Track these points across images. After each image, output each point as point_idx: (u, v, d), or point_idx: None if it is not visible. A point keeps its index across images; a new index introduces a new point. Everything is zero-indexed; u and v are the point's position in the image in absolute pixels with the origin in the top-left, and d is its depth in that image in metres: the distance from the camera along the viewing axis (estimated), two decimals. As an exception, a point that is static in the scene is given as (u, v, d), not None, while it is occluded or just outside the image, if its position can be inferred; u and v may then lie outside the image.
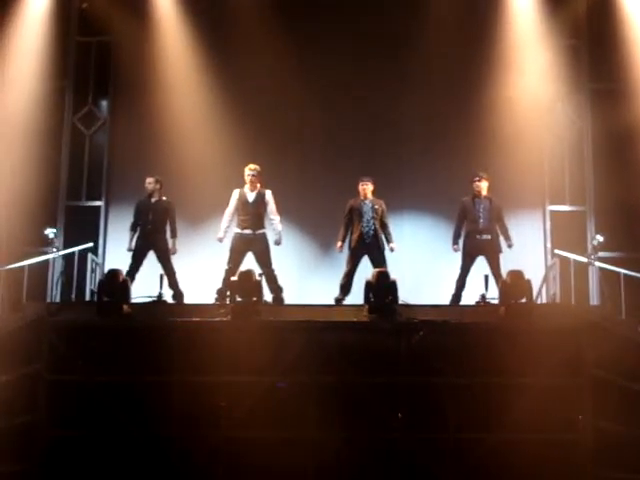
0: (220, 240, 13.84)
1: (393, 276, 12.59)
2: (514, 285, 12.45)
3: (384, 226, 13.91)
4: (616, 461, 11.61)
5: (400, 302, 12.54)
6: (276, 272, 13.67)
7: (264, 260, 13.65)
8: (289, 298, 13.72)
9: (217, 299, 13.38)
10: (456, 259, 13.93)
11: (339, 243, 13.90)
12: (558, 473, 11.41)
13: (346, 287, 13.66)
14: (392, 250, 13.86)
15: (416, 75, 15.59)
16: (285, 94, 15.53)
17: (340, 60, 16.00)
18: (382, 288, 12.39)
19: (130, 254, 13.90)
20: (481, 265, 13.83)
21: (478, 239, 13.83)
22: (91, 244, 14.99)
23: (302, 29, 15.92)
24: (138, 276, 13.70)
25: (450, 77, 15.62)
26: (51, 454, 11.81)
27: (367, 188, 13.89)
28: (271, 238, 13.79)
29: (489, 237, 13.83)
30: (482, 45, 15.65)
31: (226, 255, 13.71)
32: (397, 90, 15.83)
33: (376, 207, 13.86)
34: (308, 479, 11.49)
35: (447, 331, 12.04)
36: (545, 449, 11.43)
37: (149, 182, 14.11)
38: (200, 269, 14.87)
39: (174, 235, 14.01)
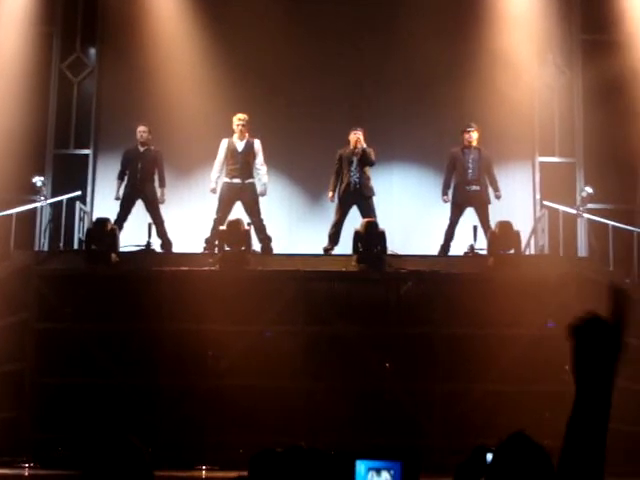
0: (213, 191, 13.76)
1: (382, 226, 12.60)
2: (503, 236, 12.49)
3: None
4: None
5: (389, 252, 12.56)
6: (265, 222, 13.64)
7: (253, 209, 13.61)
8: (278, 248, 13.71)
9: (205, 248, 13.37)
10: (445, 210, 13.92)
11: (330, 193, 13.77)
12: (545, 424, 11.47)
13: (335, 237, 13.56)
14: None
15: (405, 26, 15.45)
16: (273, 44, 15.36)
17: (328, 10, 15.86)
18: (371, 238, 12.41)
19: (118, 203, 13.86)
20: (470, 216, 13.82)
21: (467, 190, 13.76)
22: (79, 192, 14.89)
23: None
24: (126, 225, 13.68)
25: (440, 28, 15.43)
26: (40, 402, 11.86)
27: (358, 138, 13.70)
28: (257, 188, 13.72)
29: (478, 188, 13.77)
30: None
31: (215, 204, 13.68)
32: (386, 41, 15.70)
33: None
34: (296, 428, 11.53)
35: (435, 281, 12.09)
36: (532, 399, 11.50)
37: (143, 131, 13.91)
38: (189, 218, 14.83)
39: (162, 184, 13.94)
